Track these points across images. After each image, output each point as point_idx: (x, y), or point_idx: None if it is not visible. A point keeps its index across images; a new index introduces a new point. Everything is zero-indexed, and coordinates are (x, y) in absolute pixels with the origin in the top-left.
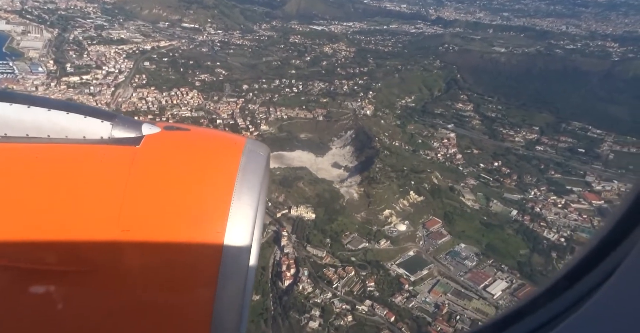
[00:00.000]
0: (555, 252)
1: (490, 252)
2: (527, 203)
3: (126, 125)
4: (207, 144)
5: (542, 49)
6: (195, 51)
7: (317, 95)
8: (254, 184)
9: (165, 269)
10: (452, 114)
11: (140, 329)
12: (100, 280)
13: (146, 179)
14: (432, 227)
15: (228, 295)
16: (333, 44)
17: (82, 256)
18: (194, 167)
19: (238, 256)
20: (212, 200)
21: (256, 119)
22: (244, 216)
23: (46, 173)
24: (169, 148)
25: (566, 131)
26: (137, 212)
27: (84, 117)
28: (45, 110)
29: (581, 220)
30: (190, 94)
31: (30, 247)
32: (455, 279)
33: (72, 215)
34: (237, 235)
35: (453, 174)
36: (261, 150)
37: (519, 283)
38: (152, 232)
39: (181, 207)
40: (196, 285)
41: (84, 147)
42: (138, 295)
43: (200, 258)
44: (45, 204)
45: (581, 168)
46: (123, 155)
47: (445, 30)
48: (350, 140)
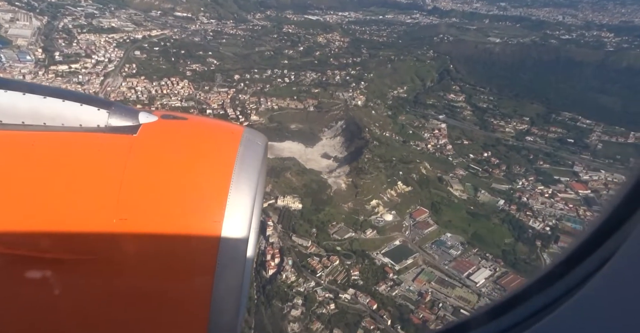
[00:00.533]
0: (539, 241)
1: (476, 241)
2: (515, 193)
3: (123, 114)
4: (204, 132)
5: (537, 39)
6: (187, 40)
7: (309, 85)
8: (251, 173)
9: (163, 258)
10: (443, 104)
11: (139, 317)
12: (98, 268)
13: (143, 168)
14: (419, 217)
15: (226, 283)
16: (327, 34)
17: (80, 244)
18: (192, 156)
19: (236, 245)
20: (210, 189)
21: (246, 109)
22: (242, 205)
23: (43, 161)
24: (167, 137)
25: (556, 121)
26: (135, 201)
27: (80, 104)
28: (41, 97)
29: (567, 210)
30: (181, 83)
31: (28, 235)
32: (439, 268)
33: (70, 204)
34: (235, 224)
35: (443, 165)
36: (259, 139)
37: (502, 272)
38: (149, 220)
39: (179, 196)
40: (194, 274)
41: (81, 135)
42: (136, 283)
43: (198, 246)
44: (42, 192)
45: (570, 158)
46: (120, 143)
47: (441, 20)
48: (340, 131)
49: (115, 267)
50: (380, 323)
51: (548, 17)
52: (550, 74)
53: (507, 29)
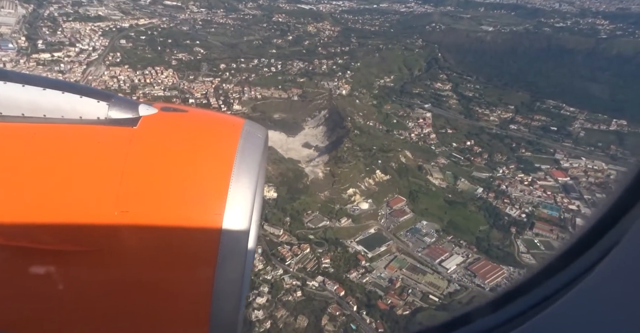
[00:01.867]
0: (514, 228)
1: (451, 228)
2: (495, 182)
3: (123, 106)
4: (205, 125)
5: (530, 27)
6: (175, 30)
7: (295, 75)
8: (252, 166)
9: (165, 250)
10: (430, 93)
11: (141, 308)
12: (99, 260)
13: (144, 160)
14: (396, 205)
15: (227, 275)
16: (317, 23)
17: (81, 236)
18: (192, 148)
19: (237, 237)
20: (211, 182)
21: (229, 99)
22: (243, 197)
23: (43, 153)
24: (167, 129)
25: (540, 109)
26: (136, 193)
27: (80, 96)
28: (41, 89)
29: (545, 197)
30: (165, 73)
31: (29, 227)
32: (412, 255)
33: (71, 196)
34: (235, 217)
35: (425, 154)
36: (259, 131)
37: (475, 258)
38: (150, 213)
39: (180, 188)
40: (195, 266)
41: (81, 127)
42: (137, 275)
43: (199, 239)
44: (43, 184)
45: (552, 146)
46: (120, 136)
47: (435, 9)
48: (323, 120)
49: (117, 259)
50: (345, 309)
51: (544, 5)
52: (541, 62)
53: (502, 18)
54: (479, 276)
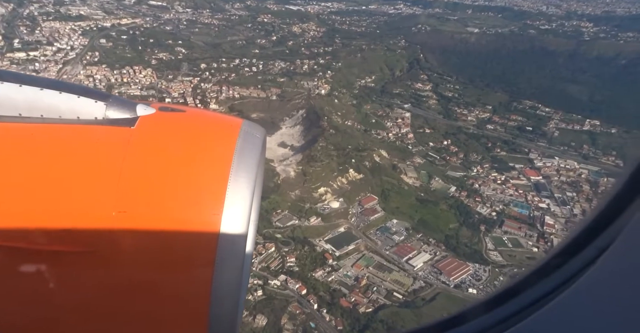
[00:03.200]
0: (484, 226)
1: (421, 226)
2: (468, 180)
3: (120, 106)
4: (203, 125)
5: (515, 29)
6: (158, 29)
7: (275, 74)
8: (250, 166)
9: (163, 250)
10: (410, 93)
11: (139, 309)
12: (96, 261)
13: (142, 161)
14: (367, 204)
15: (226, 276)
16: (303, 24)
17: (79, 237)
18: (190, 148)
19: (235, 237)
20: (209, 182)
21: (207, 98)
22: (241, 198)
23: (40, 153)
24: (165, 129)
25: (517, 110)
26: (134, 194)
27: (77, 96)
28: (38, 89)
29: (516, 195)
30: (144, 72)
31: (26, 228)
32: (380, 253)
33: (68, 196)
34: (234, 217)
35: (401, 153)
36: (257, 132)
37: (442, 255)
38: (148, 213)
39: (178, 189)
40: (194, 266)
41: (78, 127)
42: (135, 276)
43: (197, 239)
44: (40, 185)
45: (527, 145)
46: (118, 136)
47: (424, 10)
48: (301, 120)
49: (115, 260)
50: (306, 307)
51: (532, 7)
52: (524, 63)
53: (488, 19)
54: (445, 273)
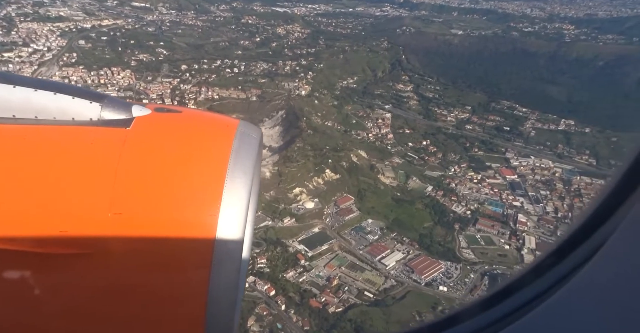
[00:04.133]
0: (458, 224)
1: (396, 226)
2: (445, 180)
3: (116, 107)
4: (199, 126)
5: (499, 31)
6: (139, 31)
7: (257, 75)
8: (247, 167)
9: (159, 252)
10: (391, 94)
11: (135, 311)
12: (92, 263)
13: (138, 162)
14: (343, 204)
15: (223, 277)
16: (287, 26)
17: (74, 239)
18: (186, 149)
19: (232, 238)
20: (205, 183)
21: (185, 99)
22: (238, 198)
23: (35, 154)
24: (161, 130)
25: (495, 110)
26: (130, 195)
27: (72, 97)
28: (32, 90)
29: (491, 194)
30: (122, 73)
31: (21, 230)
32: (353, 253)
33: (63, 198)
34: (231, 218)
35: (380, 153)
36: (254, 132)
37: (415, 254)
38: (144, 214)
39: (174, 190)
40: (190, 268)
41: (73, 128)
42: (131, 277)
43: (194, 241)
44: (35, 186)
45: (504, 145)
46: (113, 137)
47: (410, 13)
48: (280, 121)
49: (111, 262)
50: (273, 309)
51: (517, 10)
52: (506, 64)
53: (473, 22)
54: (417, 272)
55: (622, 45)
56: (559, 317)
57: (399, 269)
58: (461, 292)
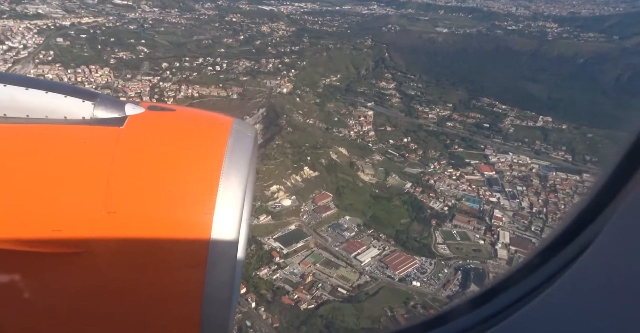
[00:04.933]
0: (435, 220)
1: (373, 222)
2: (425, 177)
3: (109, 105)
4: (193, 124)
5: (483, 29)
6: (120, 28)
7: (239, 73)
8: (241, 165)
9: (153, 251)
10: (374, 92)
11: (129, 311)
12: (86, 262)
13: (131, 160)
14: (321, 201)
15: (218, 275)
16: (272, 24)
17: (67, 238)
18: (180, 147)
19: (227, 237)
20: (200, 181)
21: (164, 97)
22: (233, 197)
23: (27, 154)
24: (154, 128)
25: (475, 107)
26: (123, 194)
27: (64, 96)
28: (23, 89)
29: (469, 190)
30: (100, 71)
31: (13, 229)
32: (329, 250)
33: (56, 197)
34: (226, 216)
35: (361, 150)
36: (248, 130)
37: (391, 250)
38: (139, 213)
39: (168, 188)
40: (185, 267)
41: (66, 127)
42: (126, 276)
43: (188, 239)
44: (27, 185)
45: (483, 142)
46: (107, 136)
47: (397, 11)
48: (261, 118)
49: (105, 261)
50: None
51: (503, 9)
52: (489, 62)
53: (459, 20)
54: (391, 267)
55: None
56: (547, 316)
57: (374, 265)
58: (434, 287)
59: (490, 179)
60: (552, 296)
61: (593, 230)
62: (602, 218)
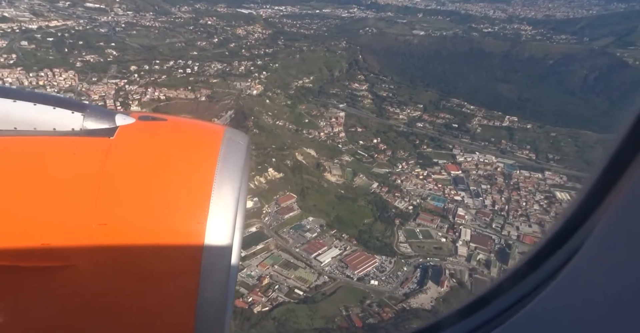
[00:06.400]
0: (399, 219)
1: (336, 223)
2: (392, 177)
3: (98, 116)
4: (184, 133)
5: (460, 32)
6: (90, 32)
7: (209, 76)
8: (234, 173)
9: (145, 262)
10: (347, 94)
11: (122, 324)
12: (76, 275)
13: (122, 171)
14: (285, 203)
15: (212, 286)
16: (248, 26)
17: (57, 251)
18: (172, 157)
19: (220, 247)
20: (192, 191)
21: (128, 100)
22: (225, 206)
23: (15, 166)
24: (145, 139)
25: (445, 108)
26: (114, 205)
27: (53, 108)
28: (11, 101)
29: (435, 189)
30: (65, 74)
31: (2, 243)
32: (289, 251)
33: (45, 210)
34: (218, 225)
35: (330, 152)
36: (241, 139)
37: (352, 250)
38: (130, 224)
39: (159, 199)
40: (178, 277)
41: (55, 139)
42: (116, 290)
43: (181, 249)
44: (15, 199)
45: (451, 142)
46: (96, 147)
47: (377, 14)
48: (229, 121)
49: (95, 273)
50: None
51: (480, 12)
52: (463, 64)
53: (436, 23)
54: (350, 267)
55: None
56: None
57: (334, 265)
58: (392, 285)
59: (456, 178)
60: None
61: (581, 236)
62: (589, 224)
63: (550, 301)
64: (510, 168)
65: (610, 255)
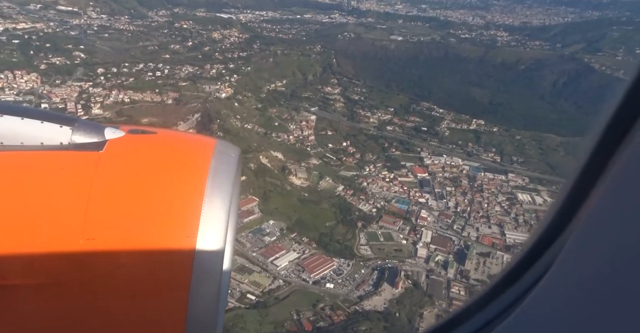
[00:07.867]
0: (361, 222)
1: (297, 226)
2: (359, 179)
3: (87, 130)
4: (174, 146)
5: (437, 37)
6: (60, 34)
7: (179, 79)
8: (225, 186)
9: (135, 277)
10: (319, 97)
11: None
12: (65, 291)
13: (111, 185)
14: (246, 206)
15: (202, 300)
16: (224, 30)
17: (45, 267)
18: (162, 170)
19: (211, 259)
20: (183, 204)
21: (90, 103)
22: (216, 219)
23: (1, 181)
24: (135, 152)
25: (415, 111)
26: (103, 220)
27: (41, 122)
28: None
29: (401, 192)
30: (26, 77)
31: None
32: (246, 255)
33: (32, 225)
34: (209, 239)
35: (298, 155)
36: (232, 151)
37: (311, 253)
38: (119, 239)
39: (149, 213)
40: (168, 292)
41: (43, 153)
42: (105, 305)
43: (171, 263)
44: (2, 214)
45: (420, 145)
46: (85, 161)
47: (357, 20)
48: (195, 124)
49: (83, 290)
50: None
51: (460, 18)
52: (438, 69)
53: (415, 28)
54: (307, 270)
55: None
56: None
57: (290, 269)
58: (347, 288)
59: (422, 181)
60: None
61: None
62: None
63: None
64: (476, 171)
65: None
